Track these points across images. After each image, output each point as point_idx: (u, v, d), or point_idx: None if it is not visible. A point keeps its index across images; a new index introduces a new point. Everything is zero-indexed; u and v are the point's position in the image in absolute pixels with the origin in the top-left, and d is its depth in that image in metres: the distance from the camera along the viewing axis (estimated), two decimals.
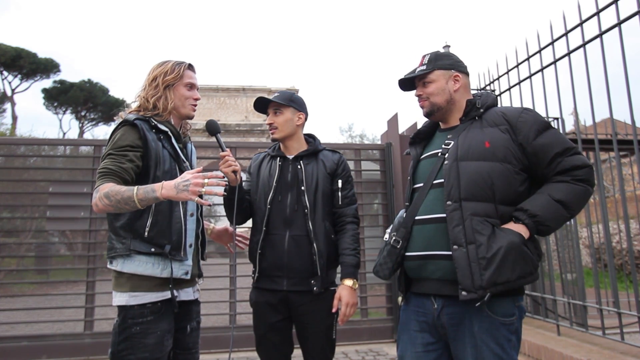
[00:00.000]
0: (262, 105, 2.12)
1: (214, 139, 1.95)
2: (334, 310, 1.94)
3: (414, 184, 1.78)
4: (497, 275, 1.46)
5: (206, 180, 1.51)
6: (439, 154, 1.69)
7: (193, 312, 1.84)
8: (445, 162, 1.65)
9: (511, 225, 1.53)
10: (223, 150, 1.88)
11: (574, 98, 2.92)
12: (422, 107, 1.78)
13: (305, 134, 2.20)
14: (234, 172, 1.90)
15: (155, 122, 1.75)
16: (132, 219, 1.67)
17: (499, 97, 3.84)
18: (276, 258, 1.97)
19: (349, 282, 1.95)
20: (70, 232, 7.16)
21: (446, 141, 1.70)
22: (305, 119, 2.15)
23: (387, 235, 1.77)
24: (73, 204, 4.25)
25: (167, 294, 1.67)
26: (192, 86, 1.87)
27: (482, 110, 1.69)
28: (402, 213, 1.80)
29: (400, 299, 1.79)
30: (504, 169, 1.57)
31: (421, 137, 1.85)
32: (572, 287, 3.79)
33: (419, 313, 1.68)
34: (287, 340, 2.06)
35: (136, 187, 1.54)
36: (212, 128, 1.94)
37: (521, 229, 1.51)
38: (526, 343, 3.02)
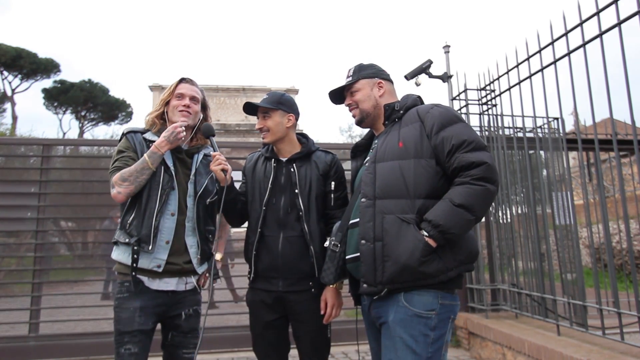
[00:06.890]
0: (251, 109, 2.12)
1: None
2: (322, 312, 1.94)
3: (353, 192, 1.86)
4: (398, 275, 1.53)
5: (180, 124, 1.92)
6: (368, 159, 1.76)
7: (187, 300, 2.01)
8: (365, 164, 1.72)
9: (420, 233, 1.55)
10: (215, 151, 1.98)
11: (574, 98, 2.92)
12: (353, 116, 1.87)
13: (298, 134, 2.19)
14: (224, 171, 1.93)
15: (145, 135, 2.03)
16: (124, 215, 1.96)
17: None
18: (271, 260, 1.99)
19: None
20: (69, 232, 7.16)
21: (373, 146, 1.78)
22: (296, 120, 2.13)
23: (327, 242, 1.85)
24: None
25: (141, 278, 1.90)
26: (181, 96, 2.06)
27: (401, 112, 1.76)
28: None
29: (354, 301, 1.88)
30: (417, 165, 1.60)
31: (361, 150, 1.93)
32: (572, 287, 3.78)
33: (364, 311, 1.81)
34: (284, 338, 2.07)
35: (144, 156, 1.88)
36: (206, 131, 2.08)
37: (428, 240, 1.51)
38: (526, 343, 3.02)
